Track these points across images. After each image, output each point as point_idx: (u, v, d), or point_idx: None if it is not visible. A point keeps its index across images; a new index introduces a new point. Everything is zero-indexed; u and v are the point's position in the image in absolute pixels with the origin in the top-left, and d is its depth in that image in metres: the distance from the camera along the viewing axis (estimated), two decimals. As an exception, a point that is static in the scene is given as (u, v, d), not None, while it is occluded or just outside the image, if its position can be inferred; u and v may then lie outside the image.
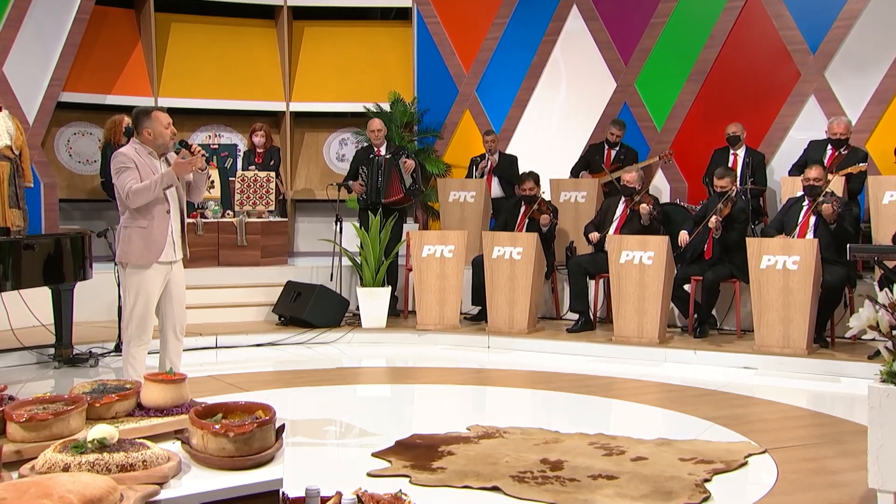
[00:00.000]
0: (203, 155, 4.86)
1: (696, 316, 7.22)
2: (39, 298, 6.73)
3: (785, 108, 8.79)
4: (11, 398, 2.58)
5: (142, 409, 2.67)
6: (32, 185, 8.01)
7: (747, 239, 6.75)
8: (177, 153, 4.91)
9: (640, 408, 5.43)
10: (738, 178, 7.67)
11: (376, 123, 8.36)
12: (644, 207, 7.25)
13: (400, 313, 8.42)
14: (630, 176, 7.54)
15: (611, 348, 7.02)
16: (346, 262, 8.32)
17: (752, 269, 6.62)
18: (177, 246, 4.89)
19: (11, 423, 2.37)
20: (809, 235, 6.70)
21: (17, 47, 8.84)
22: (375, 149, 8.32)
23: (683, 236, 7.18)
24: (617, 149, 8.86)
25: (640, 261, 6.95)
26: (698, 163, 8.78)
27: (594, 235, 7.59)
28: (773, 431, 4.82)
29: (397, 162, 8.12)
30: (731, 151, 8.33)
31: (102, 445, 2.21)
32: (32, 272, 6.09)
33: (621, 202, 7.63)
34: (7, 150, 7.50)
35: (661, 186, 9.26)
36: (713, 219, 6.95)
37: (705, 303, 7.10)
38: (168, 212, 4.80)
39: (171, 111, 5.09)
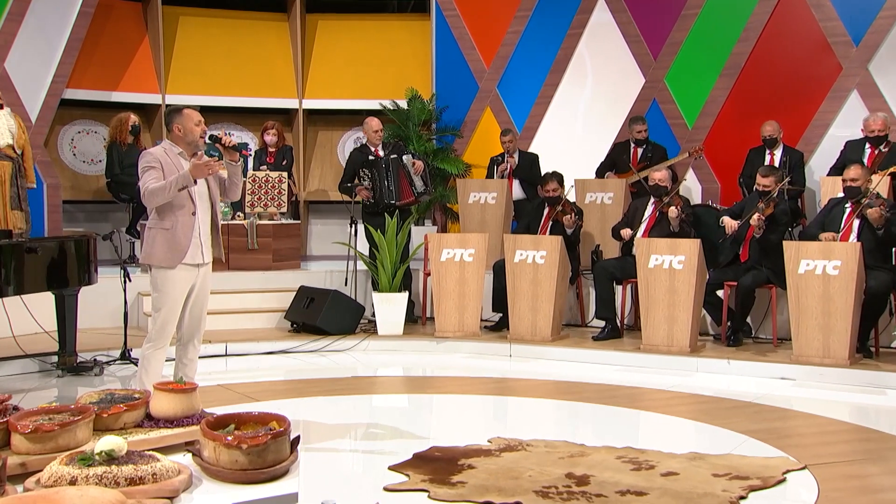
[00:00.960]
0: (235, 145, 4.92)
1: (729, 323, 7.18)
2: (42, 304, 6.77)
3: (825, 104, 8.73)
4: (16, 408, 2.60)
5: (151, 420, 2.68)
6: (35, 186, 8.08)
7: (784, 242, 6.70)
8: (211, 150, 4.95)
9: (670, 420, 5.39)
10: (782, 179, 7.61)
11: (376, 123, 8.33)
12: (672, 211, 7.22)
13: (417, 320, 8.42)
14: (659, 174, 7.51)
15: (639, 357, 6.99)
16: (361, 266, 8.34)
17: (790, 273, 6.57)
18: (205, 248, 4.93)
19: (16, 435, 2.39)
20: (852, 239, 6.64)
21: (20, 42, 8.93)
22: (373, 149, 8.30)
23: (729, 221, 7.09)
24: (644, 147, 8.83)
25: (670, 265, 6.92)
26: (732, 162, 8.74)
27: (626, 232, 7.55)
28: (812, 446, 4.77)
29: (401, 161, 8.12)
30: (768, 151, 8.28)
31: (110, 458, 2.22)
32: (35, 277, 6.12)
33: (650, 203, 7.60)
34: (9, 150, 7.56)
35: (692, 187, 9.22)
36: (755, 216, 6.89)
37: (740, 309, 7.05)
38: (194, 213, 4.84)
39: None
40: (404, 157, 8.15)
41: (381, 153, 8.25)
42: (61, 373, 6.60)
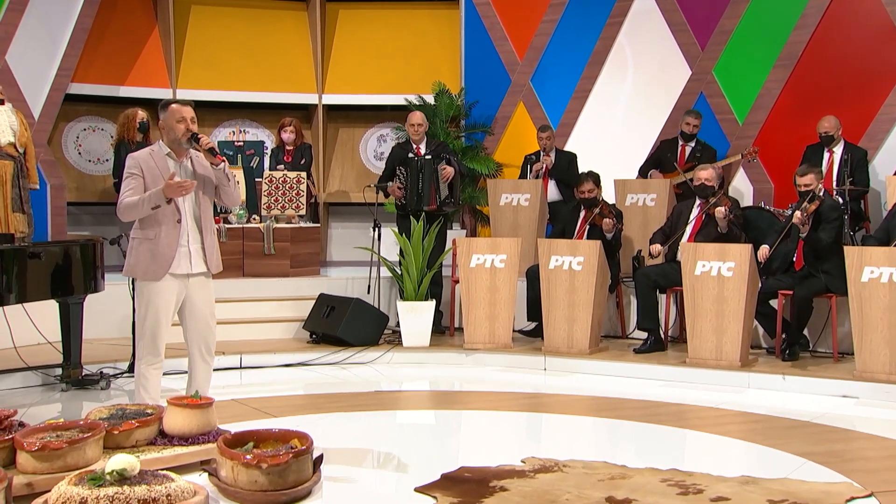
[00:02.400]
0: (210, 148, 4.93)
1: (784, 336, 7.11)
2: (45, 313, 6.82)
3: (891, 97, 8.63)
4: (22, 424, 2.62)
5: (164, 437, 2.70)
6: (38, 187, 8.15)
7: (846, 247, 6.62)
8: (193, 146, 5.00)
9: (719, 440, 5.34)
10: (835, 179, 7.55)
11: (417, 117, 8.38)
12: (719, 210, 7.17)
13: (445, 330, 8.43)
14: (706, 173, 7.46)
15: (685, 372, 6.94)
16: (385, 272, 8.35)
17: (852, 282, 6.50)
18: (195, 258, 4.99)
19: (22, 453, 2.41)
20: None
21: (22, 34, 9.02)
22: (415, 146, 8.34)
23: (763, 251, 7.08)
24: (693, 145, 8.77)
25: (719, 272, 6.87)
26: (787, 161, 8.66)
27: (656, 248, 7.52)
28: (879, 471, 4.70)
29: (434, 164, 8.13)
30: (826, 149, 8.21)
31: (122, 477, 2.24)
32: (38, 284, 6.14)
33: (696, 205, 7.55)
34: (10, 148, 7.63)
35: (742, 188, 9.14)
36: (797, 214, 6.83)
37: (796, 321, 6.98)
38: (179, 221, 4.90)
39: None
40: (436, 161, 8.15)
41: (423, 151, 8.27)
42: (65, 386, 6.64)
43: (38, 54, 9.21)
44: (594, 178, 7.90)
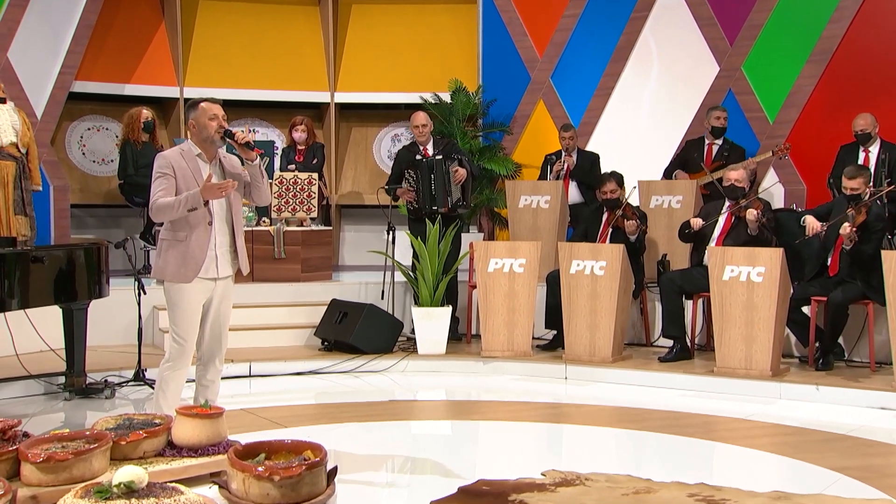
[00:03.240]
0: (247, 142, 4.98)
1: (818, 344, 7.08)
2: (48, 319, 6.85)
3: (931, 93, 8.59)
4: (26, 435, 2.63)
5: (173, 448, 2.71)
6: (41, 189, 8.19)
7: (883, 252, 6.58)
8: (227, 144, 5.04)
9: (749, 453, 5.32)
10: (872, 179, 7.49)
11: (421, 117, 8.38)
12: (751, 213, 7.14)
13: (462, 338, 8.43)
14: (736, 174, 7.44)
15: (712, 381, 6.93)
16: (399, 277, 8.36)
17: (890, 288, 6.46)
18: (221, 261, 5.06)
19: (27, 464, 2.42)
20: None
21: (24, 30, 9.05)
22: (421, 147, 8.34)
23: (812, 221, 6.98)
24: (720, 143, 8.74)
25: (748, 277, 6.84)
26: (820, 161, 8.62)
27: (697, 221, 7.47)
28: (918, 486, 4.68)
29: (445, 165, 8.13)
30: (862, 148, 8.16)
31: (130, 490, 2.24)
32: (41, 289, 6.18)
33: (724, 207, 7.53)
34: (12, 148, 7.67)
35: (773, 190, 9.10)
36: (846, 227, 6.79)
37: (830, 329, 6.95)
38: (210, 223, 4.97)
39: None
40: (447, 162, 8.15)
41: (430, 152, 8.28)
42: (69, 395, 6.67)
43: (41, 51, 9.26)
44: (617, 178, 7.89)
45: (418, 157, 8.26)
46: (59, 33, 9.40)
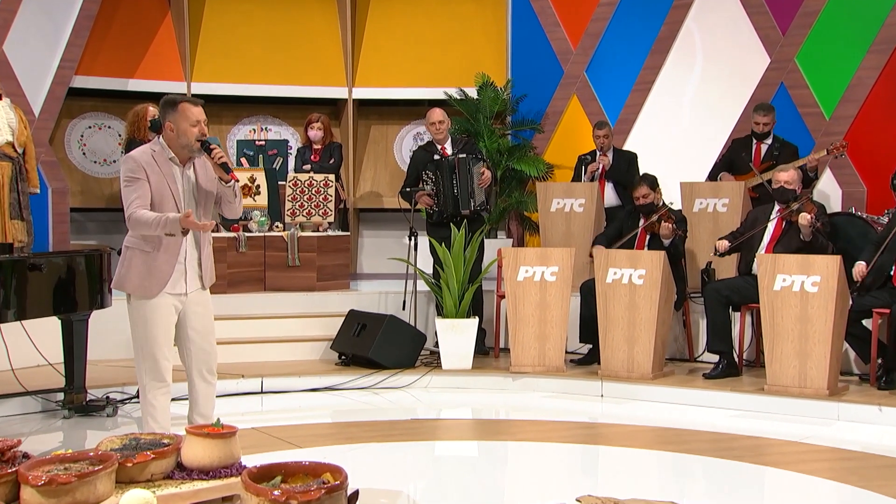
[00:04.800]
0: (224, 163, 4.94)
1: (880, 361, 7.01)
2: (46, 331, 6.87)
3: None
4: (26, 456, 2.64)
5: (183, 471, 2.71)
6: (39, 191, 8.22)
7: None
8: (201, 154, 5.01)
9: (804, 479, 5.27)
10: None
11: (437, 113, 8.38)
12: (804, 217, 7.10)
13: (489, 351, 8.42)
14: (787, 175, 7.39)
15: (763, 400, 6.88)
16: (422, 286, 8.36)
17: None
18: (190, 276, 5.05)
19: (27, 487, 2.43)
20: None
21: (21, 21, 9.11)
22: (439, 146, 8.34)
23: (860, 268, 6.98)
24: (769, 142, 8.69)
25: (802, 287, 6.80)
26: (881, 160, 8.57)
27: (723, 244, 7.44)
28: None
29: (470, 164, 8.12)
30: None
31: (137, 515, 2.25)
32: (39, 299, 6.19)
33: (775, 210, 7.48)
34: (8, 148, 7.70)
35: (829, 192, 9.04)
36: None
37: (893, 343, 6.89)
38: (185, 233, 4.94)
39: (209, 99, 5.23)
40: (473, 161, 8.14)
41: (449, 151, 8.27)
42: (68, 413, 6.68)
43: (39, 44, 9.32)
44: (649, 181, 7.87)
45: (437, 156, 8.25)
46: (58, 24, 9.46)
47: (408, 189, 8.39)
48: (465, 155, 8.19)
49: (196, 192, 5.06)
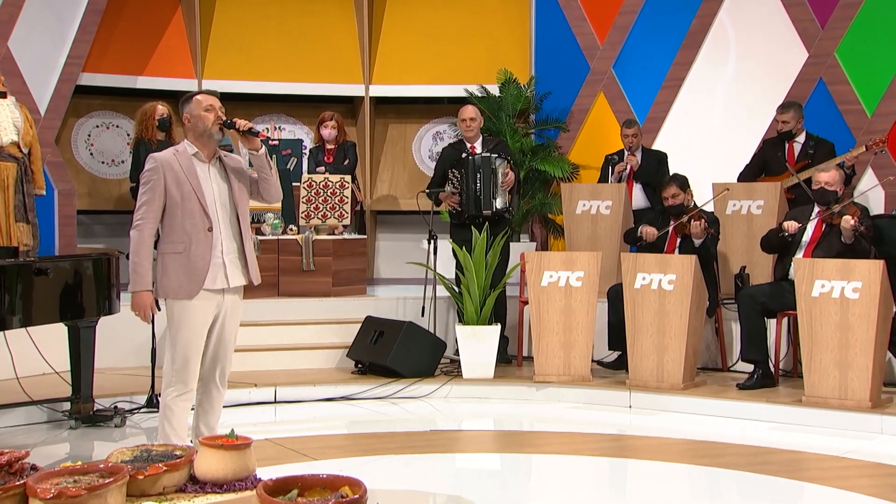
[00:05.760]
0: (249, 128, 5.04)
1: (926, 371, 6.99)
2: (52, 339, 6.89)
3: None
4: (34, 468, 2.65)
5: (196, 484, 2.71)
6: (45, 193, 8.27)
7: None
8: (226, 134, 5.12)
9: (844, 496, 5.23)
10: None
11: (469, 111, 8.39)
12: (847, 220, 7.06)
13: (512, 360, 8.41)
14: (827, 175, 7.34)
15: (800, 412, 6.84)
16: (441, 292, 8.36)
17: None
18: (230, 270, 5.10)
19: (35, 501, 2.43)
20: None
21: (26, 16, 9.15)
22: (468, 145, 8.35)
23: None
24: (802, 140, 8.65)
25: (842, 293, 6.75)
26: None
27: (792, 224, 7.36)
28: None
29: (494, 163, 8.11)
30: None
31: (149, 530, 2.25)
32: (45, 305, 6.19)
33: (814, 213, 7.45)
34: (13, 148, 7.75)
35: (870, 193, 8.98)
36: None
37: (939, 353, 6.86)
38: (210, 229, 5.01)
39: (220, 97, 5.26)
40: (497, 161, 8.13)
41: (479, 151, 8.28)
42: (74, 423, 6.71)
43: (45, 40, 9.36)
44: (679, 181, 7.85)
45: (465, 154, 8.26)
46: (64, 20, 9.50)
47: (426, 190, 8.41)
48: (489, 154, 8.18)
49: (230, 188, 5.13)
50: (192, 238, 4.99)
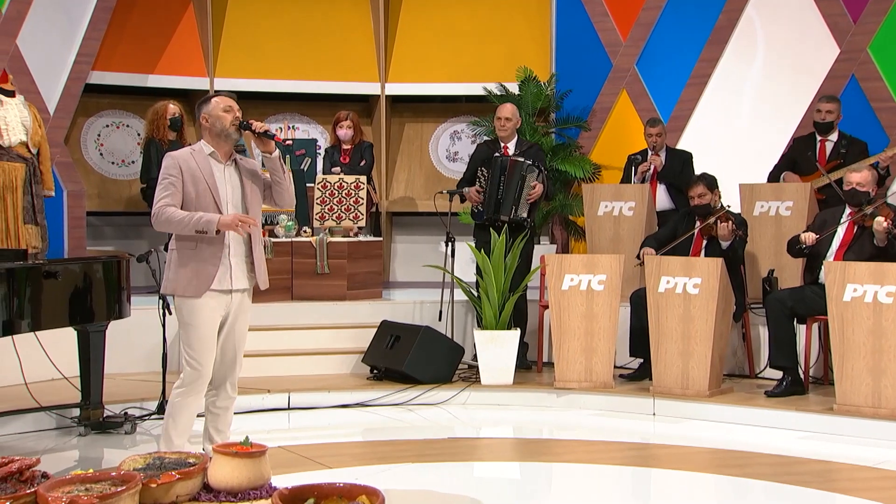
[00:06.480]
0: (265, 131, 5.16)
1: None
2: (61, 343, 6.91)
3: None
4: (45, 475, 2.66)
5: (210, 492, 2.72)
6: (54, 194, 8.32)
7: None
8: (242, 135, 5.23)
9: (878, 508, 5.24)
10: None
11: (507, 110, 8.40)
12: (879, 222, 7.03)
13: (532, 366, 8.41)
14: (860, 176, 7.31)
15: (831, 421, 6.82)
16: (459, 295, 8.36)
17: None
18: (236, 271, 5.25)
19: (46, 509, 2.45)
20: None
21: (34, 14, 9.18)
22: (502, 144, 8.35)
23: None
24: (834, 139, 8.62)
25: (875, 297, 6.72)
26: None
27: (809, 235, 7.35)
28: None
29: (524, 171, 8.10)
30: None
31: (162, 539, 2.26)
32: (54, 308, 6.21)
33: (845, 214, 7.42)
34: (22, 149, 7.80)
35: (901, 193, 8.98)
36: None
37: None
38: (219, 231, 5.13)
39: None
40: (529, 170, 8.11)
41: (511, 152, 8.28)
42: (84, 430, 6.73)
43: (54, 37, 9.41)
44: (707, 181, 7.83)
45: (497, 154, 8.26)
46: (73, 17, 9.55)
47: (443, 190, 8.42)
48: (522, 159, 8.16)
49: (243, 190, 5.28)
50: (203, 237, 5.11)
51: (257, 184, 5.36)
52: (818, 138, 8.72)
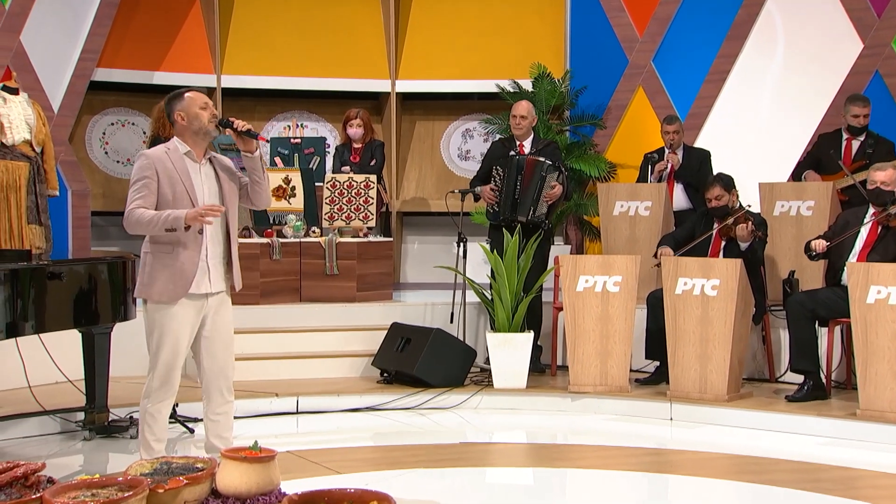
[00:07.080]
0: (248, 130, 5.13)
1: None
2: (65, 346, 6.95)
3: None
4: (51, 481, 2.67)
5: (218, 497, 2.72)
6: (58, 194, 8.32)
7: None
8: (222, 132, 5.20)
9: (903, 516, 5.23)
10: None
11: (522, 107, 8.40)
12: (902, 223, 7.04)
13: (545, 369, 8.41)
14: (884, 174, 7.29)
15: (854, 426, 6.79)
16: (471, 297, 8.36)
17: None
18: (214, 274, 5.21)
19: (51, 513, 2.46)
20: None
21: (39, 10, 9.22)
22: (517, 143, 8.34)
23: None
24: (861, 138, 8.59)
25: (899, 300, 6.72)
26: None
27: (820, 243, 7.35)
28: None
29: (545, 171, 8.09)
30: None
31: (169, 546, 2.26)
32: (58, 310, 6.21)
33: (869, 214, 7.40)
34: (25, 147, 7.80)
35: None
36: None
37: None
38: (201, 231, 5.10)
39: (240, 93, 5.41)
40: (549, 170, 8.10)
41: (527, 150, 8.28)
42: (89, 434, 6.74)
43: (58, 34, 9.44)
44: (723, 181, 7.81)
45: (512, 152, 8.26)
46: (78, 13, 9.58)
47: (455, 190, 8.41)
48: (542, 159, 8.16)
49: (220, 190, 5.24)
50: (180, 239, 5.07)
51: (234, 181, 5.31)
52: (844, 136, 8.69)
